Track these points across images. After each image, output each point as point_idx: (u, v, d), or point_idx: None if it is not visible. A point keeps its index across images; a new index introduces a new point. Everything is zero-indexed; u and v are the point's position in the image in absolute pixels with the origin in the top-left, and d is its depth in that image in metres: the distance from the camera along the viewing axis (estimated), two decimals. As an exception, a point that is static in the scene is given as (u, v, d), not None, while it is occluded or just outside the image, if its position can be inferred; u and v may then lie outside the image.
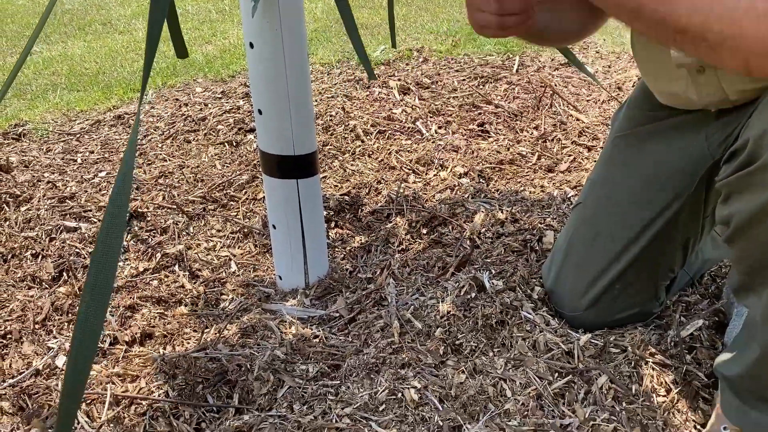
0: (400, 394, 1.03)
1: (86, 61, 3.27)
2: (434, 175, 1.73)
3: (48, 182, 1.78)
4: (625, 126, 1.10)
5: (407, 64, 2.63)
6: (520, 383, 1.02)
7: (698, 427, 0.99)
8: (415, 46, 2.88)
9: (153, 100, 2.56)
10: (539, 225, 1.43)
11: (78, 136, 2.19)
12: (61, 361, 1.16)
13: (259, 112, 1.21)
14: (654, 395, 1.02)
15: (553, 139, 1.89)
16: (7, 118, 2.53)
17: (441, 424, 0.97)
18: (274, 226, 1.33)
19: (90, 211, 1.60)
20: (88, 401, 1.05)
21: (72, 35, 3.90)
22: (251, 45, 1.15)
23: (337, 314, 1.28)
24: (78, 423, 1.00)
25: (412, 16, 3.63)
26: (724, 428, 0.91)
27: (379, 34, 3.31)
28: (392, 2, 1.40)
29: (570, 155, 1.82)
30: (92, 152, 2.03)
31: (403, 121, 2.00)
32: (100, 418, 1.01)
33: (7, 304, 1.29)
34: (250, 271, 1.45)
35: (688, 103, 0.98)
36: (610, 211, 1.08)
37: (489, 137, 1.92)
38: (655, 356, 1.07)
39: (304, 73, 1.19)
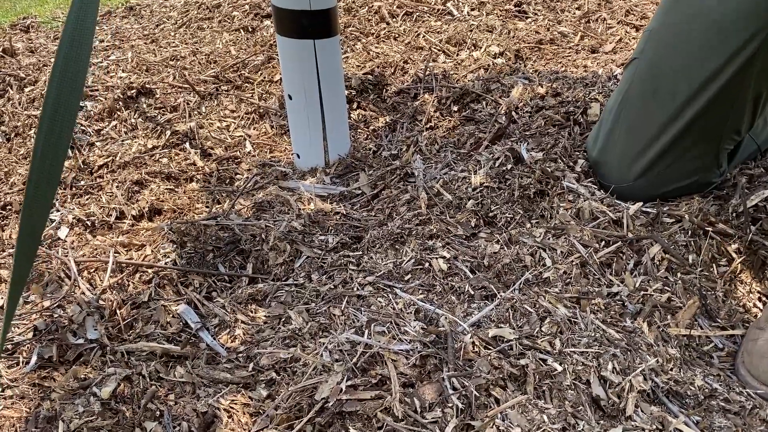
0: (427, 264, 0.93)
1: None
2: (467, 55, 1.59)
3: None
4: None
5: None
6: (562, 252, 0.92)
7: (763, 297, 0.88)
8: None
9: (167, -6, 2.42)
10: (584, 98, 1.28)
11: (87, 26, 2.07)
12: (63, 232, 1.08)
13: (271, -42, 1.07)
14: (714, 265, 0.91)
15: (597, 19, 1.72)
16: (17, 13, 2.42)
17: (472, 292, 0.88)
18: (290, 96, 1.21)
19: (97, 90, 1.49)
20: (91, 270, 0.97)
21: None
22: None
23: (360, 191, 1.18)
24: (79, 288, 0.93)
25: None
26: (799, 295, 0.80)
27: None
28: None
29: (616, 35, 1.65)
30: (102, 41, 1.92)
31: (433, 2, 1.83)
32: (102, 284, 0.93)
33: (9, 178, 1.21)
34: (266, 151, 1.35)
35: None
36: (671, 63, 0.93)
37: (527, 17, 1.75)
38: (716, 225, 0.95)
39: None
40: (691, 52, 0.91)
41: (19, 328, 0.87)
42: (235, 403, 0.75)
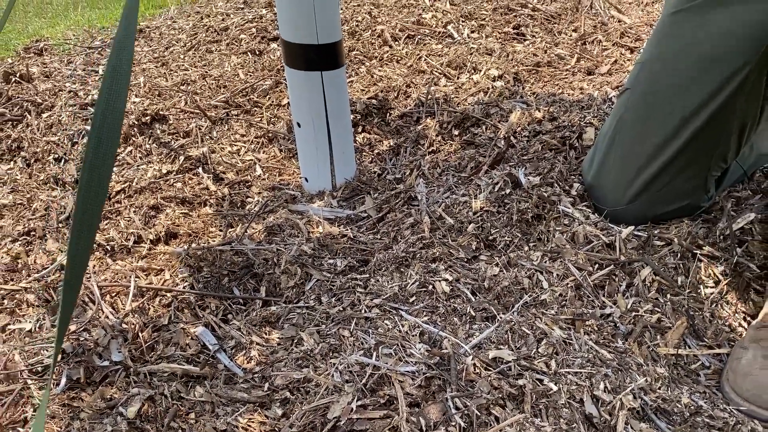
0: (431, 287, 0.99)
1: (106, -20, 3.19)
2: (467, 79, 1.65)
3: (69, 91, 1.74)
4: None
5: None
6: (558, 275, 0.97)
7: (748, 318, 0.93)
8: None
9: (174, 15, 2.48)
10: (579, 122, 1.34)
11: (99, 49, 2.14)
12: (85, 257, 1.14)
13: (280, -4, 1.14)
14: (701, 287, 0.96)
15: (593, 41, 1.78)
16: (29, 35, 2.48)
17: (473, 314, 0.93)
18: (298, 124, 1.27)
19: (112, 116, 1.55)
20: (113, 294, 1.03)
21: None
22: None
23: (366, 214, 1.24)
24: (103, 312, 0.99)
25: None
26: (779, 316, 0.85)
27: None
28: None
29: (611, 57, 1.71)
30: (114, 64, 1.98)
31: (434, 25, 1.89)
32: (124, 308, 0.99)
33: (31, 204, 1.27)
34: (275, 175, 1.40)
35: None
36: (662, 93, 0.99)
37: (525, 40, 1.81)
38: (703, 248, 1.01)
39: (328, -48, 1.10)
40: (680, 84, 0.97)
41: (48, 350, 0.93)
42: (252, 422, 0.81)
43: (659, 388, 0.80)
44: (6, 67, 1.79)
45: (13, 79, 1.72)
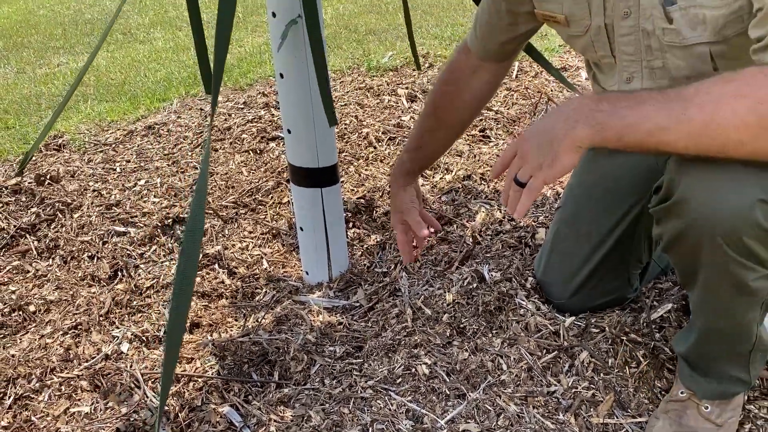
0: (414, 369, 1.23)
1: (111, 72, 3.48)
2: (440, 178, 1.93)
3: (94, 191, 1.99)
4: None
5: (414, 70, 2.82)
6: (514, 358, 1.22)
7: (663, 392, 1.18)
8: (421, 52, 3.05)
9: (178, 109, 2.76)
10: (532, 223, 1.62)
11: (114, 146, 2.40)
12: (125, 347, 1.36)
13: (288, 131, 1.41)
14: (627, 367, 1.22)
15: (548, 143, 2.07)
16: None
17: (448, 393, 1.17)
18: (301, 229, 1.53)
19: (136, 217, 1.80)
20: (153, 379, 1.26)
21: (95, 45, 4.11)
22: (281, 75, 1.34)
23: (358, 304, 1.48)
24: (147, 397, 1.21)
25: (417, 21, 3.81)
26: (681, 392, 1.10)
27: (386, 40, 3.50)
28: (412, 34, 1.58)
29: (563, 157, 2.00)
30: (128, 161, 2.24)
31: (412, 128, 2.19)
32: (165, 392, 1.21)
33: (75, 300, 1.49)
34: (279, 268, 1.65)
35: None
36: (583, 216, 1.27)
37: (490, 142, 2.11)
38: (629, 335, 1.26)
39: (326, 98, 1.38)
40: (596, 209, 1.25)
41: (105, 430, 1.14)
42: (276, 485, 1.03)
43: (590, 451, 1.04)
44: (38, 171, 2.04)
45: (46, 181, 1.96)
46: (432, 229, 1.42)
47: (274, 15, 1.28)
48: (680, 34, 0.96)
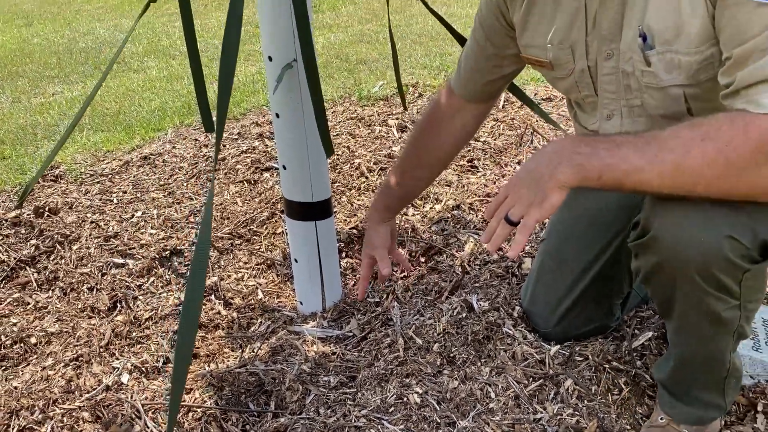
0: (405, 398, 1.27)
1: (106, 101, 3.53)
2: (430, 208, 1.99)
3: (92, 222, 2.03)
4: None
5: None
6: (502, 386, 1.27)
7: (644, 418, 1.23)
8: (410, 82, 3.14)
9: (173, 139, 2.82)
10: (519, 253, 1.67)
11: (110, 176, 2.44)
12: (125, 378, 1.40)
13: (284, 167, 1.47)
14: (609, 394, 1.27)
15: (533, 173, 2.14)
16: (41, 160, 2.78)
17: (439, 421, 1.22)
18: (296, 260, 1.58)
19: (134, 248, 1.85)
20: (153, 410, 1.29)
21: (89, 74, 4.17)
22: (277, 115, 1.40)
23: (351, 333, 1.53)
24: (148, 428, 1.25)
25: (406, 51, 3.90)
26: (661, 418, 1.16)
27: (377, 69, 3.58)
28: (398, 67, 1.65)
29: (548, 187, 2.07)
30: (125, 192, 2.28)
31: (393, 163, 2.25)
32: (165, 423, 1.25)
33: (75, 331, 1.53)
34: (274, 298, 1.70)
35: None
36: (567, 246, 1.34)
37: (478, 172, 2.17)
38: (612, 363, 1.32)
39: (320, 136, 1.44)
40: (578, 243, 1.31)
41: (107, 461, 1.18)
42: None
43: (574, 477, 1.09)
44: (36, 203, 2.08)
45: (45, 213, 2.01)
46: (400, 269, 1.50)
47: (270, 59, 1.35)
48: (657, 77, 1.02)
